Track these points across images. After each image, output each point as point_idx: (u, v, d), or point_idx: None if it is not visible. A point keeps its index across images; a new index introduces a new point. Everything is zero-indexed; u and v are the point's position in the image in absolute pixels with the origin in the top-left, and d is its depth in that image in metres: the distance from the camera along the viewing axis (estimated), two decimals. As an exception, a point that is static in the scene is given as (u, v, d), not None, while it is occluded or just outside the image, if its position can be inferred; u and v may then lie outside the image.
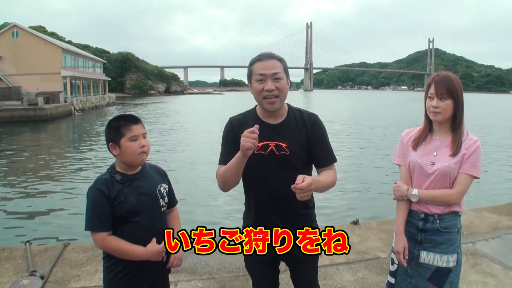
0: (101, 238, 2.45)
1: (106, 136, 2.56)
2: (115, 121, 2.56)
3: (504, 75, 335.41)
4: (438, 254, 2.71)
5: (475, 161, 2.64)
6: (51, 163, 17.79)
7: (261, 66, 2.53)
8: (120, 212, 2.47)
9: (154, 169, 2.80)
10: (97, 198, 2.46)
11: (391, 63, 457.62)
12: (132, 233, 2.50)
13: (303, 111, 2.73)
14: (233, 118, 2.79)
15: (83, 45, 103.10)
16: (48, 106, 37.71)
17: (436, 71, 2.83)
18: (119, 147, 2.51)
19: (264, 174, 2.60)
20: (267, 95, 2.50)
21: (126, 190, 2.52)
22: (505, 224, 6.22)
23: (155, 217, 2.62)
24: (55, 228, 9.30)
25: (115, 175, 2.55)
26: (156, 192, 2.66)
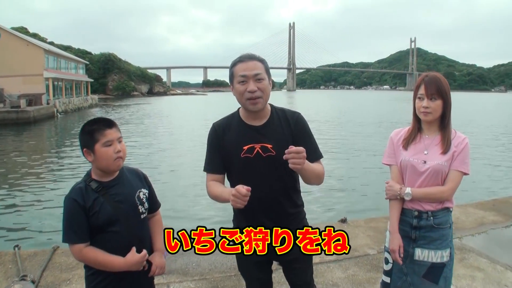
0: (78, 250, 2.37)
1: (80, 141, 2.46)
2: (88, 125, 2.45)
3: (485, 73, 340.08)
4: (432, 251, 2.77)
5: (464, 158, 2.71)
6: (36, 166, 17.65)
7: (243, 68, 2.51)
8: (96, 222, 2.38)
9: (133, 173, 2.69)
10: (71, 208, 2.36)
11: (373, 63, 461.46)
12: (110, 243, 2.41)
13: (286, 110, 2.73)
14: (216, 123, 2.77)
15: (65, 46, 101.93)
16: (30, 109, 37.20)
17: (418, 71, 2.92)
18: (93, 153, 2.41)
19: (251, 176, 2.56)
20: (250, 96, 2.49)
21: (101, 199, 2.41)
22: (490, 219, 6.36)
23: (134, 225, 2.52)
24: (42, 232, 9.27)
25: (90, 183, 2.45)
26: (134, 198, 2.55)
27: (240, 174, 2.63)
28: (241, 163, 2.58)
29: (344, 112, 52.81)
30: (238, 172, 2.64)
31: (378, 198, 11.42)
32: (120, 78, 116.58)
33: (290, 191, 2.70)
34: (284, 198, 2.66)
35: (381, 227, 5.98)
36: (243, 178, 2.51)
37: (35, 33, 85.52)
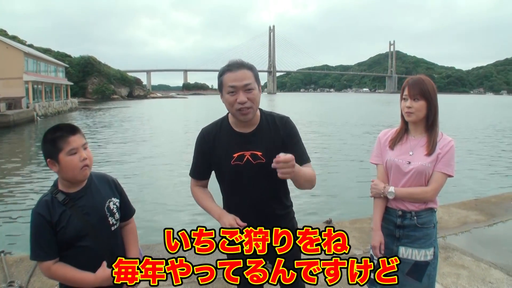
0: (47, 267, 2.25)
1: (43, 151, 2.30)
2: (50, 133, 2.28)
3: (464, 76, 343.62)
4: (416, 249, 2.84)
5: (449, 160, 2.79)
6: (17, 170, 17.51)
7: (232, 78, 2.47)
8: (64, 237, 2.24)
9: (103, 180, 2.53)
10: (38, 224, 2.22)
11: (353, 66, 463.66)
12: (80, 258, 2.29)
13: (275, 115, 2.72)
14: (205, 129, 2.76)
15: (45, 49, 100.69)
16: (10, 112, 36.81)
17: (398, 74, 3.00)
18: (58, 163, 2.25)
19: (242, 183, 2.61)
20: (240, 107, 2.47)
21: (68, 213, 2.27)
22: (473, 218, 6.51)
23: (104, 238, 2.39)
24: (27, 237, 9.12)
25: (57, 195, 2.29)
26: (104, 210, 2.40)
27: (230, 181, 2.67)
28: (232, 171, 2.60)
29: (326, 115, 52.98)
30: (228, 178, 2.68)
31: (361, 199, 11.54)
32: (100, 81, 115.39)
33: (280, 194, 2.75)
34: (274, 202, 2.70)
35: (366, 228, 6.06)
36: (234, 185, 2.65)
37: (14, 36, 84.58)
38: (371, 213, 3.07)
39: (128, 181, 13.78)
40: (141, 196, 12.18)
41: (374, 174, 3.13)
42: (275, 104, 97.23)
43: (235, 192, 2.69)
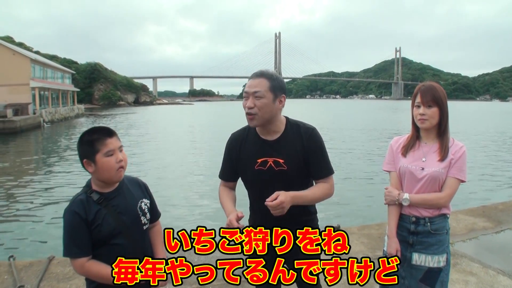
0: (80, 265, 2.30)
1: (79, 152, 2.37)
2: (88, 135, 2.36)
3: (470, 82, 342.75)
4: (429, 255, 2.84)
5: (461, 166, 2.79)
6: (24, 176, 17.53)
7: (248, 84, 2.64)
8: (99, 235, 2.31)
9: (134, 183, 2.63)
10: (73, 222, 2.28)
11: (359, 72, 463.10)
12: (113, 256, 2.27)
13: (301, 125, 2.79)
14: (234, 135, 2.92)
15: (51, 55, 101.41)
16: (17, 118, 37.03)
17: (404, 80, 3.01)
18: (94, 164, 2.32)
19: (264, 187, 2.67)
20: (247, 111, 2.62)
21: (103, 211, 2.34)
22: (481, 225, 6.49)
23: (137, 237, 2.48)
24: (37, 242, 9.23)
25: (91, 195, 2.37)
26: (136, 209, 2.50)
27: (253, 185, 2.80)
28: (255, 175, 2.70)
29: (332, 121, 52.91)
30: (252, 182, 2.80)
31: (370, 205, 11.54)
32: (106, 87, 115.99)
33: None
34: (296, 207, 2.68)
35: (374, 234, 6.06)
36: (256, 188, 2.78)
37: (21, 42, 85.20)
38: (378, 219, 3.08)
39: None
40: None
41: (381, 180, 3.14)
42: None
43: (259, 197, 2.72)
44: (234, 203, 2.86)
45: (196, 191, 13.89)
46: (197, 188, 14.51)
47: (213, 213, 10.89)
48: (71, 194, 10.01)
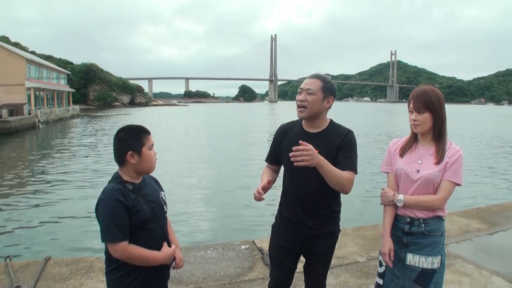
0: (123, 248, 2.43)
1: (124, 144, 2.56)
2: (133, 130, 2.61)
3: (465, 86, 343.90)
4: (423, 256, 2.85)
5: (457, 169, 2.82)
6: (20, 177, 17.53)
7: (304, 82, 3.00)
8: (137, 220, 2.48)
9: (151, 178, 2.85)
10: (116, 208, 2.42)
11: (354, 75, 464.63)
12: (149, 239, 2.54)
13: (341, 126, 3.06)
14: (282, 125, 3.27)
15: (47, 55, 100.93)
16: (12, 119, 36.99)
17: (399, 83, 3.05)
18: (139, 156, 2.54)
19: (296, 174, 2.95)
20: (298, 104, 2.96)
21: (139, 199, 2.54)
22: (475, 227, 6.54)
23: (163, 223, 2.69)
24: (33, 243, 9.26)
25: (125, 185, 2.54)
26: (160, 199, 2.73)
27: (288, 170, 3.08)
28: (290, 161, 2.81)
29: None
30: (288, 168, 3.07)
31: (365, 207, 11.57)
32: (102, 88, 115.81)
33: (327, 195, 2.98)
34: (320, 199, 2.98)
35: (369, 235, 6.10)
36: (290, 174, 3.08)
37: (17, 42, 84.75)
38: (373, 221, 3.12)
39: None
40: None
41: (377, 182, 3.19)
42: (276, 112, 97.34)
43: (290, 182, 3.09)
44: (269, 177, 3.12)
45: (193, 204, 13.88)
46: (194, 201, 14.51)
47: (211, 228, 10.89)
48: (67, 195, 10.08)
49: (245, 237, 7.19)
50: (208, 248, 5.60)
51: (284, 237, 3.09)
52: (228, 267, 4.97)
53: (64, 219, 10.95)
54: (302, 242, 3.03)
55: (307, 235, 3.01)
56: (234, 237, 8.79)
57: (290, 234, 3.06)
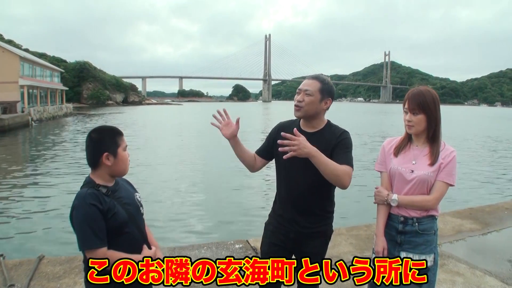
0: (103, 254, 2.36)
1: (99, 146, 2.49)
2: (108, 131, 2.54)
3: (459, 87, 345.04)
4: (416, 255, 2.88)
5: (451, 170, 2.84)
6: (13, 175, 17.43)
7: (303, 83, 3.02)
8: (114, 224, 2.41)
9: (123, 180, 2.78)
10: (91, 214, 2.34)
11: (348, 75, 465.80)
12: (128, 243, 2.48)
13: (337, 127, 3.08)
14: (281, 122, 3.30)
15: (40, 53, 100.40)
16: (5, 117, 36.78)
17: (392, 84, 3.07)
18: (114, 157, 2.48)
19: (290, 170, 3.01)
20: (295, 103, 2.98)
21: (114, 202, 2.47)
22: (468, 227, 6.59)
23: (140, 225, 2.64)
24: (26, 241, 9.22)
25: (99, 189, 2.46)
26: (135, 200, 2.67)
27: (282, 166, 3.09)
28: (287, 158, 2.84)
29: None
30: (282, 165, 3.05)
31: (358, 206, 11.59)
32: (95, 86, 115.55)
33: (319, 194, 3.01)
34: (313, 198, 3.00)
35: (363, 235, 6.13)
36: (283, 170, 3.09)
37: (10, 40, 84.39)
38: (367, 220, 3.13)
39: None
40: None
41: (371, 181, 3.20)
42: (270, 112, 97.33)
43: (283, 181, 3.12)
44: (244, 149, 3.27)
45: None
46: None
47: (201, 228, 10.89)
48: (60, 193, 10.04)
49: (239, 236, 7.18)
50: (202, 247, 5.61)
51: (276, 234, 3.10)
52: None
53: (57, 218, 10.88)
54: (294, 240, 3.04)
55: (299, 233, 3.01)
56: (228, 236, 8.79)
57: (282, 232, 3.07)
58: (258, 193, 14.31)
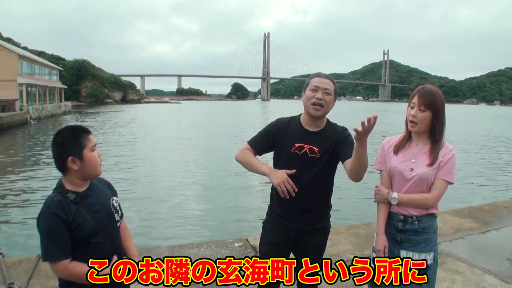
0: (64, 267, 2.25)
1: (63, 150, 2.32)
2: (70, 132, 2.36)
3: (458, 86, 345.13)
4: (416, 253, 2.89)
5: (450, 168, 2.85)
6: (11, 173, 17.48)
7: (318, 80, 2.99)
8: (80, 235, 2.28)
9: (101, 181, 2.63)
10: (53, 224, 2.21)
11: (347, 74, 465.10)
12: (92, 255, 2.29)
13: (336, 125, 3.13)
14: (280, 119, 3.23)
15: (39, 51, 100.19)
16: (4, 115, 36.76)
17: (391, 82, 3.06)
18: (81, 160, 2.31)
19: (294, 169, 2.96)
20: (315, 101, 2.93)
21: (82, 210, 2.31)
22: (467, 226, 6.60)
23: (113, 234, 2.49)
24: (25, 240, 9.22)
25: (67, 195, 2.32)
26: (110, 207, 2.51)
27: (285, 165, 3.01)
28: (289, 156, 3.00)
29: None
30: (284, 162, 3.03)
31: (357, 205, 11.60)
32: (94, 85, 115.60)
33: (321, 192, 3.07)
34: (317, 196, 3.05)
35: (362, 234, 6.13)
36: (287, 169, 2.99)
37: (9, 38, 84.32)
38: (366, 219, 3.13)
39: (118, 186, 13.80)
40: (132, 199, 12.27)
41: (370, 180, 3.20)
42: (269, 111, 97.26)
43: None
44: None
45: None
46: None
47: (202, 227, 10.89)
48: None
49: (238, 235, 7.19)
50: (201, 245, 5.61)
51: (276, 233, 3.10)
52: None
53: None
54: (294, 237, 3.06)
55: (300, 230, 3.03)
56: (228, 235, 8.79)
57: (282, 230, 3.07)
58: (257, 192, 14.32)
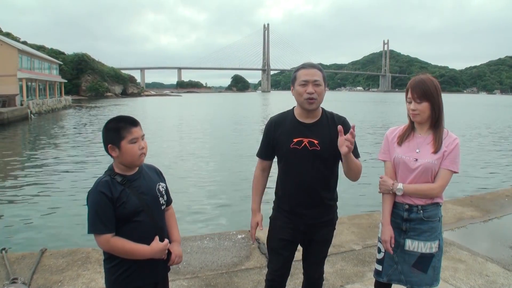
0: (106, 240, 2.45)
1: (105, 137, 2.56)
2: (114, 123, 2.56)
3: (458, 75, 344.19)
4: (422, 242, 2.92)
5: (455, 157, 2.87)
6: (13, 168, 17.47)
7: (305, 73, 2.93)
8: (123, 212, 2.47)
9: (151, 169, 2.82)
10: (99, 200, 2.44)
11: (347, 65, 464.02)
12: (136, 232, 2.52)
13: (334, 114, 3.11)
14: (272, 118, 3.21)
15: (38, 45, 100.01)
16: (4, 110, 36.71)
17: (391, 72, 3.07)
18: (119, 149, 2.51)
19: (296, 164, 2.98)
20: (308, 97, 2.89)
21: (127, 191, 2.52)
22: (469, 214, 6.63)
23: (156, 215, 2.65)
24: (28, 235, 9.22)
25: (115, 177, 2.54)
26: (155, 191, 2.69)
27: (287, 162, 3.05)
28: (289, 152, 2.99)
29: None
30: (285, 159, 3.05)
31: (360, 195, 11.61)
32: (94, 79, 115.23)
33: (327, 184, 3.05)
34: (323, 189, 3.03)
35: (364, 224, 6.16)
36: (289, 165, 3.04)
37: (8, 32, 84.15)
38: (369, 209, 3.14)
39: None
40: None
41: (372, 170, 3.21)
42: (269, 102, 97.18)
43: (289, 174, 3.06)
44: (261, 197, 3.30)
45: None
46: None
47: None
48: (62, 185, 10.08)
49: (241, 227, 7.21)
50: (204, 238, 5.63)
51: (285, 229, 3.09)
52: (225, 257, 5.01)
53: (59, 210, 10.94)
54: (303, 232, 3.06)
55: (309, 225, 3.04)
56: (231, 227, 8.82)
57: (291, 226, 3.07)
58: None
